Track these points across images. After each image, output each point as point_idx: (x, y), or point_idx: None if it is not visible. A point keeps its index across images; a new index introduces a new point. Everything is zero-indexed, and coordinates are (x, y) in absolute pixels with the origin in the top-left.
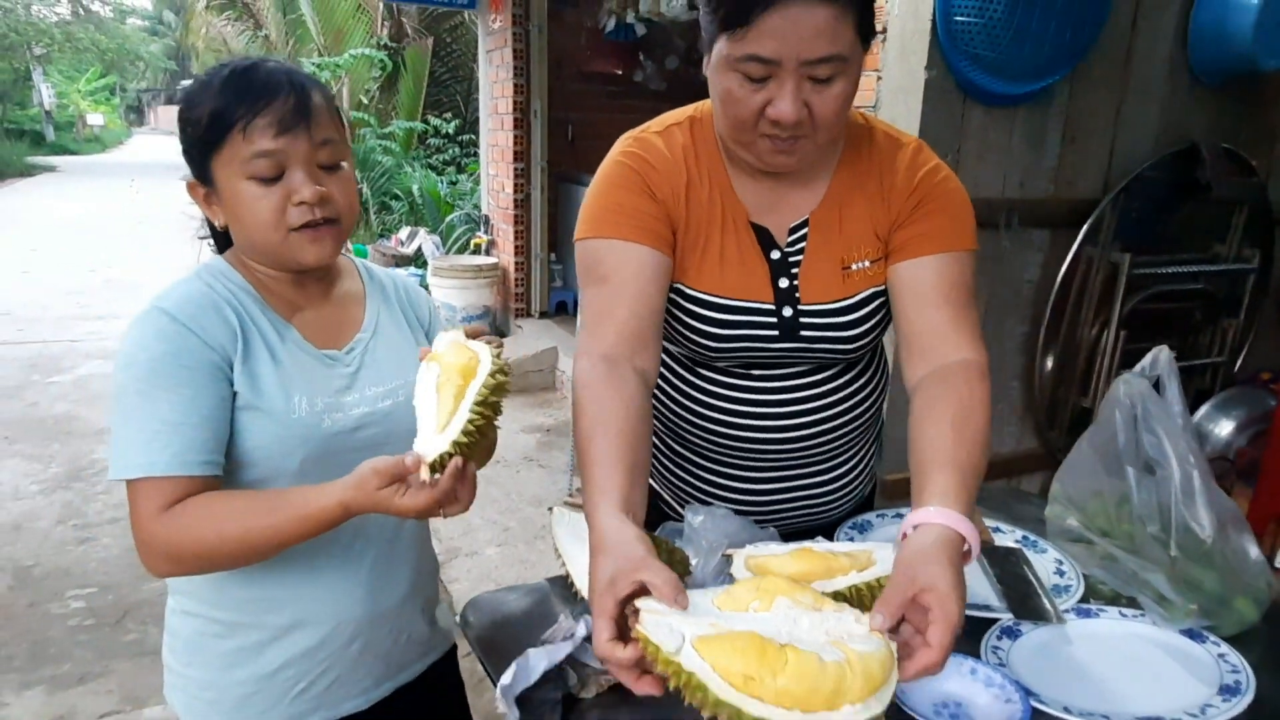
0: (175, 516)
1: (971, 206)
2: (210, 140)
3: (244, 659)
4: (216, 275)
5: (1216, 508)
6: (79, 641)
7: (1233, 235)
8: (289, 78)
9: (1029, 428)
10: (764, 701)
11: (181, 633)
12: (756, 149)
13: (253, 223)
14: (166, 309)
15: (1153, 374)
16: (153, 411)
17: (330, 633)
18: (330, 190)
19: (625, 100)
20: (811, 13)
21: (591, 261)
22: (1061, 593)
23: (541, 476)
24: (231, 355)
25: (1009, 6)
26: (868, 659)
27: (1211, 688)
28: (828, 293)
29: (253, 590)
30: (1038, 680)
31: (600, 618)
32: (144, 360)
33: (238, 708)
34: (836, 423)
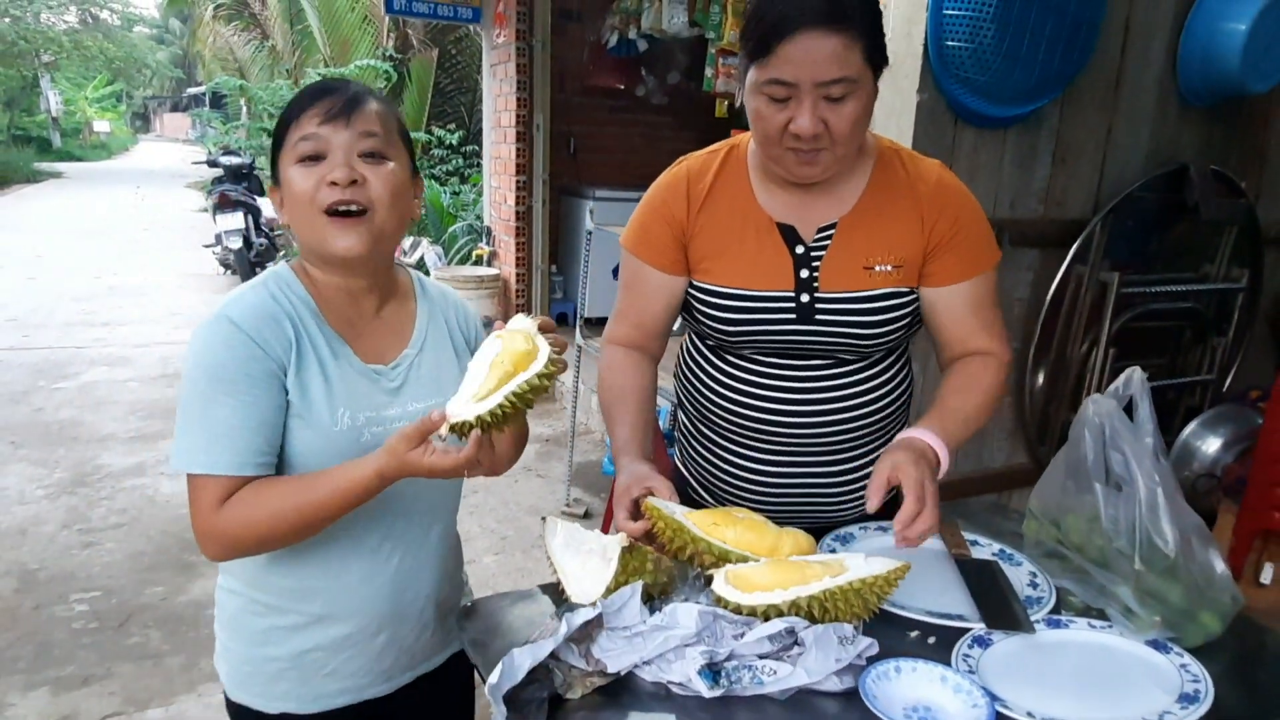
0: (231, 508)
1: (987, 220)
2: (278, 141)
3: (279, 638)
4: (281, 285)
5: (1181, 523)
6: (82, 644)
7: (1221, 255)
8: (348, 85)
9: (1020, 444)
10: (724, 541)
11: (227, 608)
12: (785, 162)
13: (293, 203)
14: (232, 318)
15: (1126, 394)
16: (215, 414)
17: (357, 625)
18: (365, 176)
19: (627, 115)
20: (822, 41)
21: (624, 267)
22: (1034, 604)
23: (539, 486)
24: (286, 365)
25: (999, 33)
26: (798, 534)
27: (1172, 695)
28: (847, 284)
29: (290, 579)
30: (1005, 687)
31: (619, 507)
32: (209, 365)
33: (272, 681)
34: (851, 416)
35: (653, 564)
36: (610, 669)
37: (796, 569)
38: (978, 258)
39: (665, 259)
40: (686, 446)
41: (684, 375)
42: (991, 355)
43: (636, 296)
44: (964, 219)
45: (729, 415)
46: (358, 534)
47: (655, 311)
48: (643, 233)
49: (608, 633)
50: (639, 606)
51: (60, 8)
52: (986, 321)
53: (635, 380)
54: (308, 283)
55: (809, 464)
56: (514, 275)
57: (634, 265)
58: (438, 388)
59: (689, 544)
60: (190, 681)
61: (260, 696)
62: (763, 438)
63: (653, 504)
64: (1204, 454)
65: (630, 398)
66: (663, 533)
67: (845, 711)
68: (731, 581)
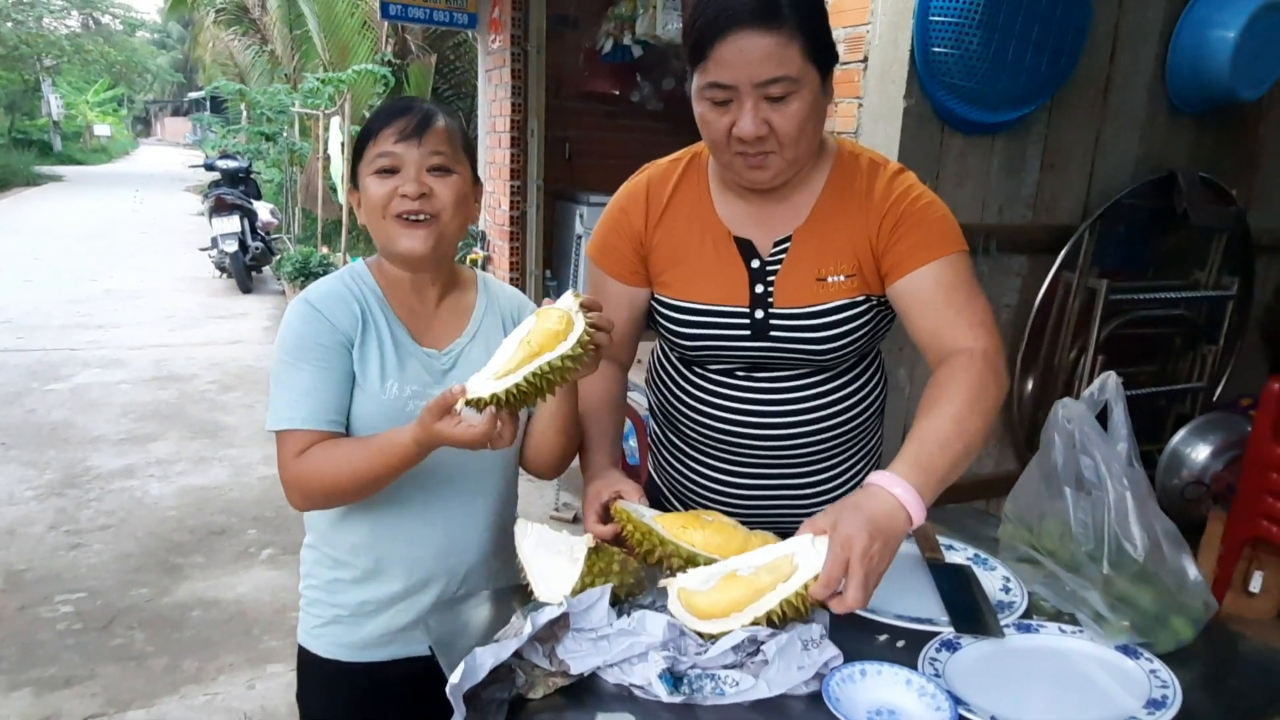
0: (306, 459)
1: (952, 216)
2: (358, 152)
3: (342, 588)
4: (354, 276)
5: (1152, 528)
6: (67, 645)
7: (1212, 262)
8: (422, 105)
9: (1009, 450)
10: (692, 544)
11: (307, 560)
12: (734, 167)
13: (368, 208)
14: (309, 299)
15: (1101, 399)
16: (296, 379)
17: (406, 582)
18: (434, 189)
19: (622, 120)
20: (755, 41)
21: (591, 275)
22: (1005, 609)
23: (529, 490)
24: (354, 338)
25: (985, 38)
26: (767, 536)
27: (1139, 701)
28: (800, 299)
29: (350, 536)
30: (971, 691)
31: (590, 511)
32: (292, 338)
33: (329, 626)
34: (817, 426)
35: (619, 565)
36: (574, 670)
37: (746, 583)
38: (938, 241)
39: (625, 270)
40: (658, 454)
41: (654, 384)
42: (965, 352)
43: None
44: (916, 206)
45: (696, 424)
46: (406, 499)
47: (620, 322)
48: (604, 243)
49: (573, 634)
50: (607, 609)
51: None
52: (959, 306)
53: (602, 389)
54: (378, 275)
55: (777, 473)
56: (508, 280)
57: (597, 275)
58: (472, 364)
59: (657, 547)
60: (173, 683)
61: (320, 641)
62: (729, 447)
63: (622, 507)
64: (1193, 461)
65: (598, 407)
66: (631, 536)
67: (810, 712)
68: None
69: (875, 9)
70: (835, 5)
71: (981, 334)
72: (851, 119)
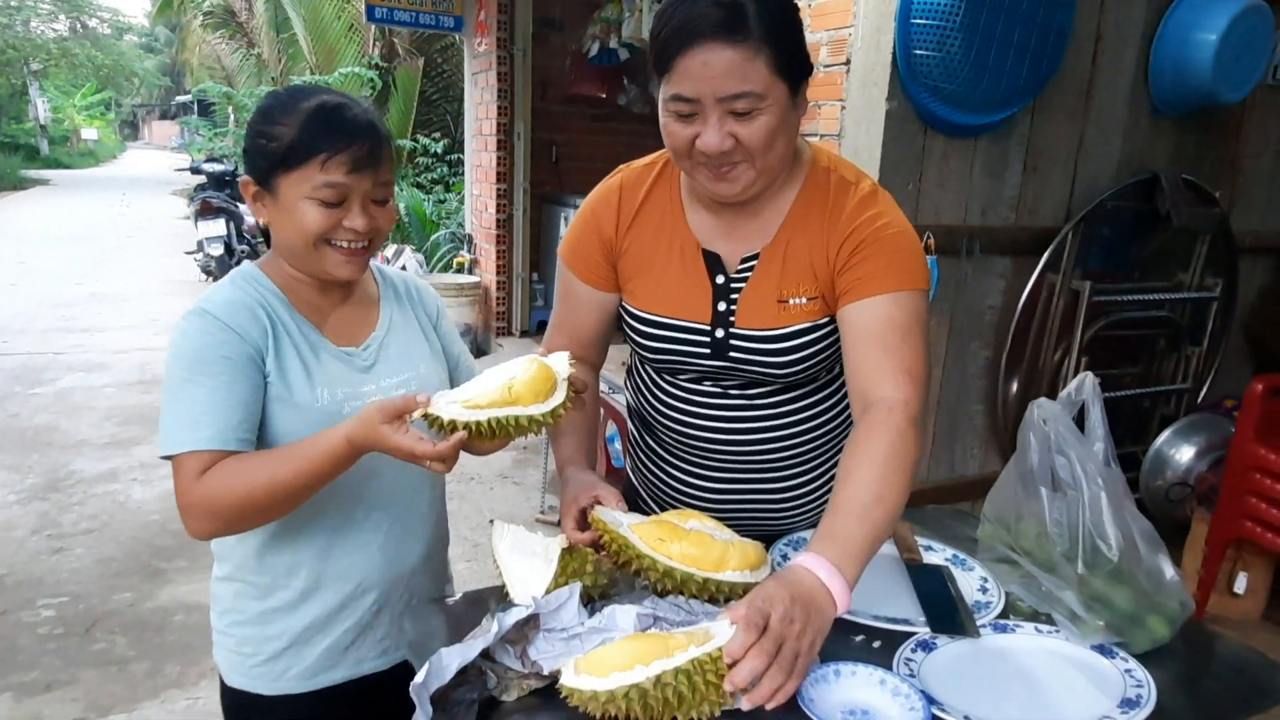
0: (210, 477)
1: (918, 246)
2: (288, 162)
3: (277, 617)
4: (249, 280)
5: (1127, 527)
6: (47, 650)
7: (1196, 264)
8: (369, 124)
9: (993, 452)
10: (669, 557)
11: (224, 597)
12: (699, 177)
13: (302, 233)
14: (208, 309)
15: (1078, 399)
16: (194, 395)
17: (349, 595)
18: (377, 221)
19: (609, 123)
20: (719, 55)
21: (561, 277)
22: (982, 609)
23: (515, 494)
24: (264, 350)
25: (966, 41)
26: (746, 546)
27: (1114, 700)
28: (761, 320)
29: (281, 555)
30: (946, 690)
31: (567, 518)
32: (188, 352)
33: (272, 661)
34: (784, 436)
35: (592, 565)
36: (546, 670)
37: (660, 640)
38: (892, 274)
39: (594, 274)
40: (635, 456)
41: (632, 387)
42: (885, 404)
43: (570, 309)
44: (882, 234)
45: (670, 429)
46: (346, 507)
47: (588, 325)
48: (575, 245)
49: (544, 634)
50: (577, 607)
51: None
52: (892, 349)
53: None
54: (276, 277)
55: (751, 478)
56: (495, 283)
57: (567, 277)
58: (409, 363)
59: (634, 559)
60: (154, 688)
61: (260, 679)
62: (702, 452)
63: (599, 516)
64: (1177, 463)
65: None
66: (609, 544)
67: (783, 714)
68: (587, 670)
69: (857, 12)
70: (818, 8)
71: (904, 382)
72: (834, 121)
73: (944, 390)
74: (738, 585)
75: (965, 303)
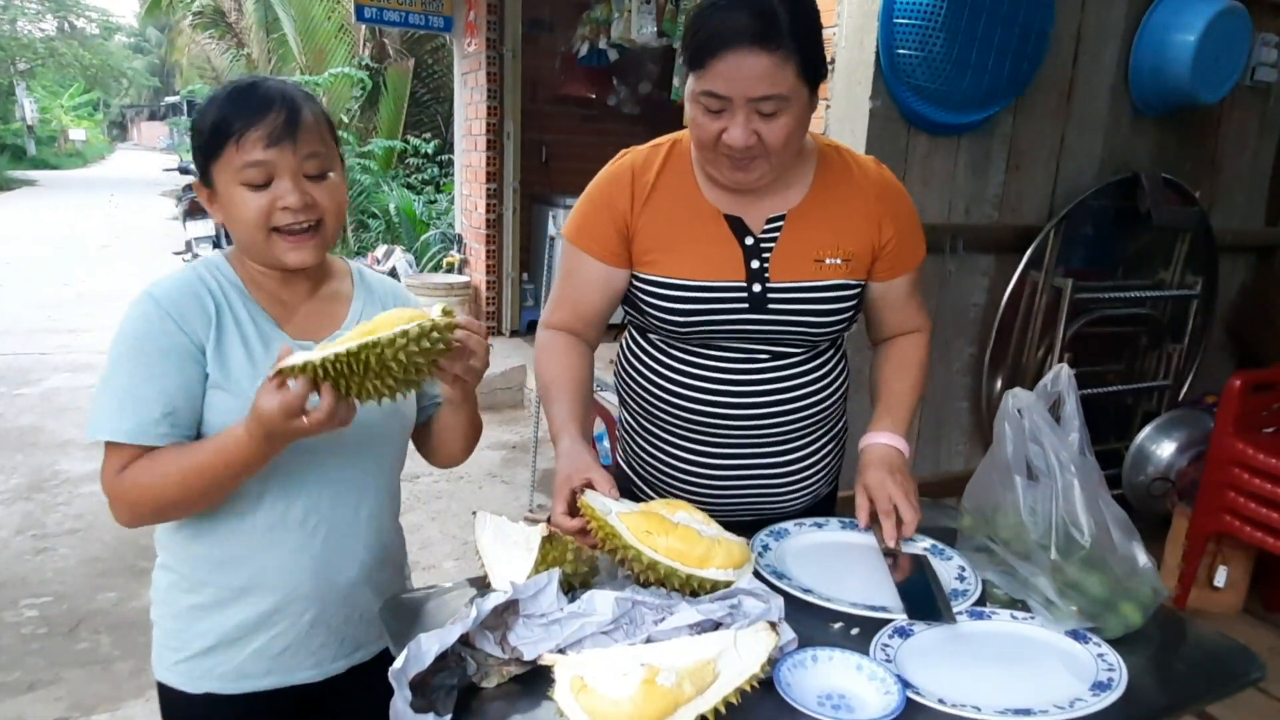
0: (129, 476)
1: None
2: (211, 149)
3: (205, 614)
4: (210, 268)
5: (1100, 515)
6: (30, 649)
7: (1176, 262)
8: (282, 94)
9: (978, 448)
10: (655, 550)
11: (160, 585)
12: (719, 166)
13: (241, 224)
14: (153, 294)
15: (1054, 390)
16: (124, 384)
17: (282, 601)
18: (315, 197)
19: (599, 124)
20: (753, 60)
21: (566, 255)
22: (960, 596)
23: (504, 492)
24: (204, 341)
25: (948, 41)
26: (731, 544)
27: (1086, 683)
28: (797, 274)
29: (215, 551)
30: (922, 675)
31: (558, 500)
32: (128, 337)
33: (197, 659)
34: (795, 406)
35: (573, 553)
36: (526, 657)
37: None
38: (916, 252)
39: (606, 250)
40: (630, 444)
41: (626, 372)
42: (918, 331)
43: (575, 285)
44: (905, 218)
45: (674, 409)
46: (282, 507)
47: (593, 301)
48: (584, 223)
49: (524, 620)
50: (556, 593)
51: (37, 15)
52: (918, 303)
53: (573, 362)
54: (239, 268)
55: (754, 455)
56: (484, 283)
57: (574, 254)
58: None
59: (620, 550)
60: (139, 687)
61: (185, 675)
62: (708, 430)
63: (588, 502)
64: (1159, 458)
65: (567, 378)
66: (596, 531)
67: (762, 700)
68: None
69: (841, 11)
70: None
71: (926, 319)
72: (819, 120)
73: (929, 387)
74: (720, 583)
75: (949, 300)
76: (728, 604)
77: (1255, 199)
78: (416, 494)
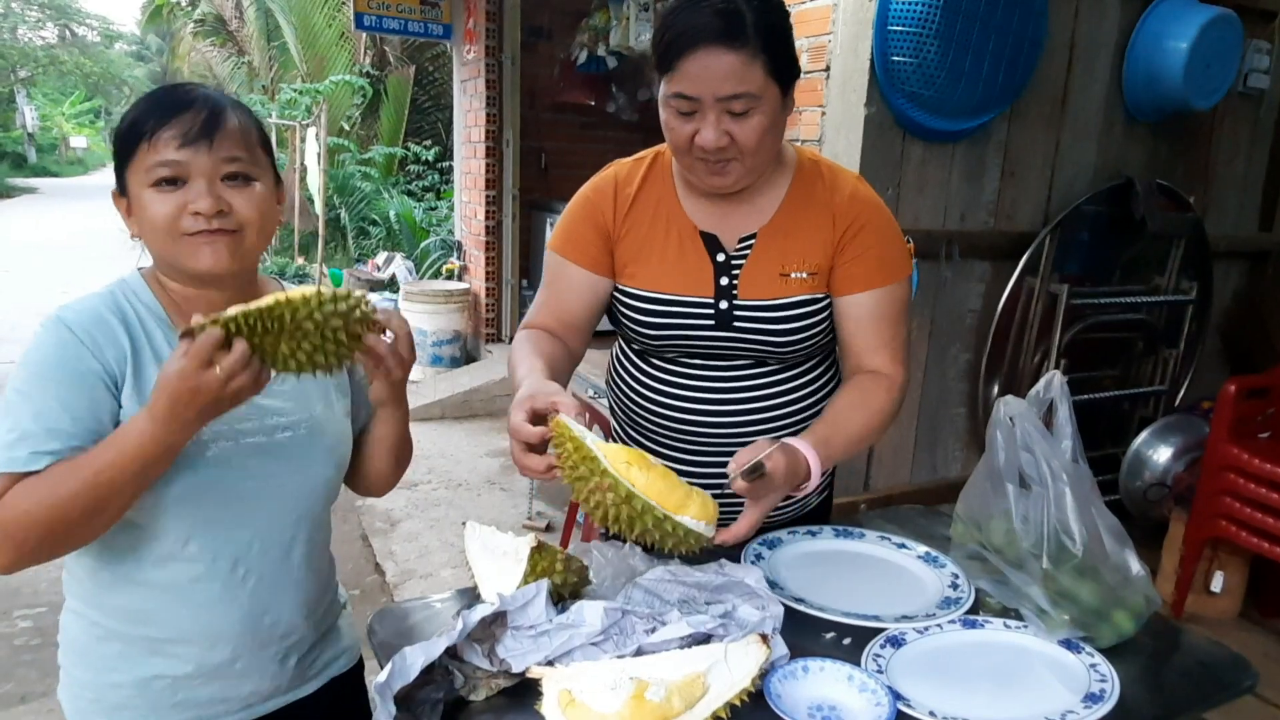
0: (8, 505)
1: (901, 233)
2: (124, 151)
3: (122, 664)
4: (127, 292)
5: (1092, 523)
6: (23, 661)
7: (1171, 268)
8: (205, 97)
9: (974, 455)
10: (634, 484)
11: (70, 631)
12: (696, 171)
13: (150, 228)
14: (65, 320)
15: (1046, 397)
16: (24, 411)
17: (207, 652)
18: (232, 204)
19: (598, 131)
20: (720, 58)
21: (549, 266)
22: (953, 604)
23: (502, 500)
24: (118, 373)
25: (942, 48)
26: (706, 499)
27: (1078, 695)
28: (763, 291)
29: (131, 599)
30: (913, 686)
31: (518, 410)
32: (34, 362)
33: (115, 710)
34: (772, 417)
35: (562, 564)
36: (515, 669)
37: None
38: (883, 269)
39: (590, 258)
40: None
41: (613, 381)
42: (884, 376)
43: (558, 291)
44: (872, 229)
45: (655, 418)
46: (206, 556)
47: (576, 308)
48: (569, 233)
49: (512, 632)
50: (544, 605)
51: (38, 24)
52: (886, 339)
53: (544, 342)
54: (158, 290)
55: None
56: (484, 290)
57: (558, 264)
58: (300, 401)
59: (593, 475)
60: None
61: None
62: (688, 439)
63: (563, 421)
64: (1155, 463)
65: (538, 351)
66: (567, 456)
67: (752, 712)
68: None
69: (836, 19)
70: (798, 16)
71: (900, 369)
72: (815, 127)
73: (925, 393)
74: (692, 532)
75: (945, 306)
76: (721, 613)
77: (1248, 205)
78: (415, 501)
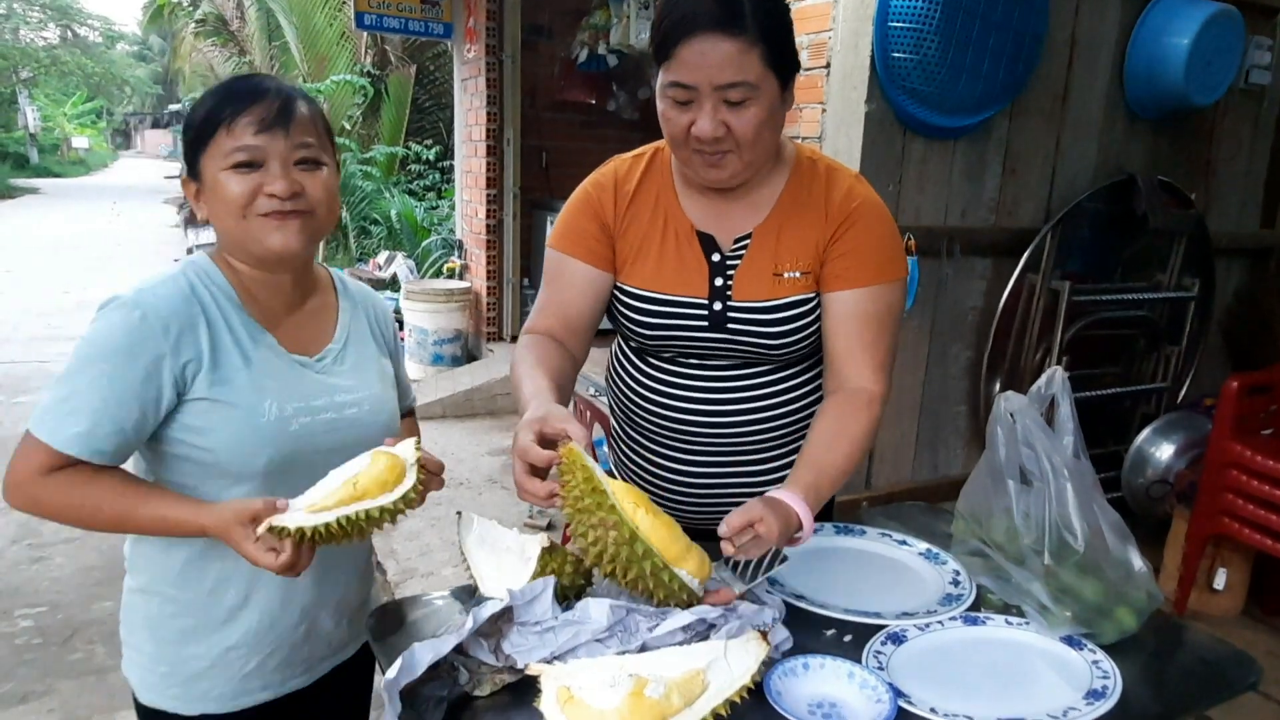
0: (56, 482)
1: (898, 236)
2: (201, 137)
3: (198, 636)
4: (200, 275)
5: (1093, 519)
6: (24, 660)
7: (1173, 264)
8: (278, 87)
9: (976, 452)
10: (639, 528)
11: (139, 610)
12: (693, 164)
13: (224, 209)
14: (142, 305)
15: (1048, 393)
16: (90, 389)
17: (279, 614)
18: (305, 186)
19: (599, 129)
20: (718, 45)
21: (549, 264)
22: (953, 601)
23: (504, 498)
24: (189, 376)
25: (943, 45)
26: (704, 558)
27: (1080, 692)
28: (757, 293)
29: (208, 572)
30: (914, 683)
31: (527, 430)
32: (103, 343)
33: (190, 682)
34: (768, 417)
35: (572, 566)
36: (520, 664)
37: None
38: (871, 268)
39: (591, 253)
40: (617, 450)
41: (613, 380)
42: (864, 392)
43: (560, 288)
44: (864, 226)
45: (652, 417)
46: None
47: (579, 305)
48: (569, 229)
49: (518, 628)
50: (551, 601)
51: (39, 24)
52: (867, 341)
53: (549, 353)
54: (229, 273)
55: (728, 465)
56: (485, 288)
57: (558, 260)
58: (361, 379)
59: (599, 511)
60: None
61: (179, 699)
62: (684, 438)
63: (577, 450)
64: (1158, 460)
65: (543, 366)
66: (574, 486)
67: (752, 709)
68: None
69: (837, 15)
70: (799, 12)
71: (880, 379)
72: (815, 124)
73: (926, 391)
74: (686, 587)
75: (946, 304)
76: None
77: (1250, 202)
78: None
